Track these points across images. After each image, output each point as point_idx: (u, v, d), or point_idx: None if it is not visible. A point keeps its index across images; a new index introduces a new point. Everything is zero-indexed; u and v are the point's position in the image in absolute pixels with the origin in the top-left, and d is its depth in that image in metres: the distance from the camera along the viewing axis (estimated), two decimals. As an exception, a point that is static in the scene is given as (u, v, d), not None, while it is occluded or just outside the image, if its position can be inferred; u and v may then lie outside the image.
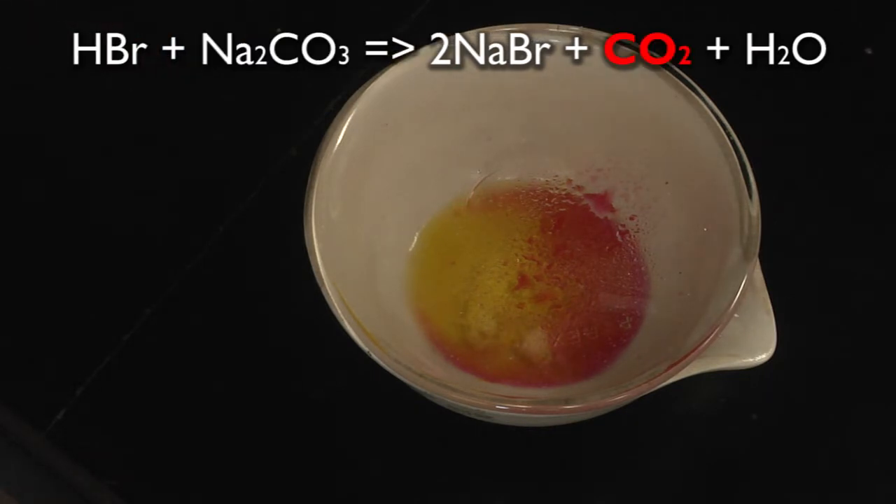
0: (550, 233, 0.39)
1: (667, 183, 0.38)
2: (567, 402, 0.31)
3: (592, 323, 0.37)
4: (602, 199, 0.39)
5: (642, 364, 0.33)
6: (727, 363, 0.33)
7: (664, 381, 0.31)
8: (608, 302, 0.38)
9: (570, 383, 0.36)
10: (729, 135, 0.34)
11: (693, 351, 0.31)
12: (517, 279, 0.38)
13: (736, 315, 0.32)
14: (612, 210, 0.39)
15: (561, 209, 0.40)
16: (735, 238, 0.33)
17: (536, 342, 0.37)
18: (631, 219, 0.39)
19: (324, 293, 0.32)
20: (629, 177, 0.39)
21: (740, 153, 0.34)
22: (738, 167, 0.34)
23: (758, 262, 0.34)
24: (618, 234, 0.39)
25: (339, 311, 0.32)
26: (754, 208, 0.33)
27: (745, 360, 0.33)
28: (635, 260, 0.38)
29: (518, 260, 0.39)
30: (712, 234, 0.35)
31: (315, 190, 0.34)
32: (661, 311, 0.37)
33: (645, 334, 0.37)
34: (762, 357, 0.34)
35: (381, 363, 0.32)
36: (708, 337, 0.31)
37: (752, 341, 0.34)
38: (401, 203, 0.39)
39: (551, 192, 0.40)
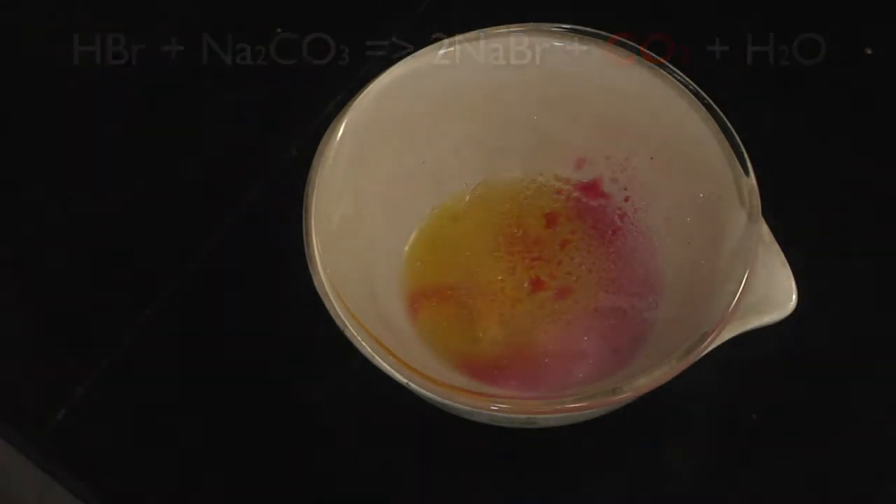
0: (552, 230, 0.39)
1: (652, 158, 0.38)
2: (601, 395, 0.31)
3: (617, 309, 0.37)
4: (593, 187, 0.39)
5: (675, 341, 0.32)
6: (757, 321, 0.33)
7: (702, 353, 0.31)
8: (627, 286, 0.38)
9: (609, 374, 0.36)
10: (703, 99, 0.35)
11: (723, 317, 0.32)
12: (530, 282, 0.38)
13: (754, 274, 0.32)
14: (605, 196, 0.39)
15: (555, 204, 0.40)
16: (734, 200, 0.34)
17: (563, 340, 0.37)
18: (626, 200, 0.39)
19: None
20: (615, 160, 0.39)
21: (718, 115, 0.34)
22: (719, 130, 0.34)
23: (763, 221, 0.34)
24: (616, 217, 0.39)
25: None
26: (748, 167, 0.34)
27: (773, 315, 0.33)
28: (640, 239, 0.38)
29: (527, 262, 0.39)
30: (710, 201, 0.35)
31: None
32: (681, 282, 0.37)
33: (670, 309, 0.37)
34: (790, 307, 0.33)
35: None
36: (732, 301, 0.32)
37: (775, 295, 0.33)
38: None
39: (550, 189, 0.40)
